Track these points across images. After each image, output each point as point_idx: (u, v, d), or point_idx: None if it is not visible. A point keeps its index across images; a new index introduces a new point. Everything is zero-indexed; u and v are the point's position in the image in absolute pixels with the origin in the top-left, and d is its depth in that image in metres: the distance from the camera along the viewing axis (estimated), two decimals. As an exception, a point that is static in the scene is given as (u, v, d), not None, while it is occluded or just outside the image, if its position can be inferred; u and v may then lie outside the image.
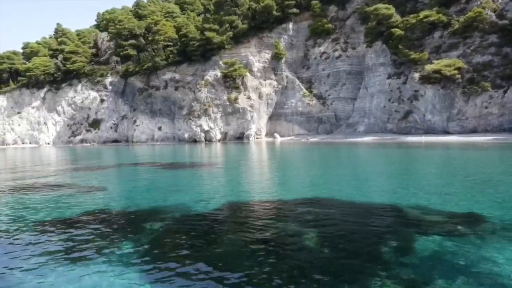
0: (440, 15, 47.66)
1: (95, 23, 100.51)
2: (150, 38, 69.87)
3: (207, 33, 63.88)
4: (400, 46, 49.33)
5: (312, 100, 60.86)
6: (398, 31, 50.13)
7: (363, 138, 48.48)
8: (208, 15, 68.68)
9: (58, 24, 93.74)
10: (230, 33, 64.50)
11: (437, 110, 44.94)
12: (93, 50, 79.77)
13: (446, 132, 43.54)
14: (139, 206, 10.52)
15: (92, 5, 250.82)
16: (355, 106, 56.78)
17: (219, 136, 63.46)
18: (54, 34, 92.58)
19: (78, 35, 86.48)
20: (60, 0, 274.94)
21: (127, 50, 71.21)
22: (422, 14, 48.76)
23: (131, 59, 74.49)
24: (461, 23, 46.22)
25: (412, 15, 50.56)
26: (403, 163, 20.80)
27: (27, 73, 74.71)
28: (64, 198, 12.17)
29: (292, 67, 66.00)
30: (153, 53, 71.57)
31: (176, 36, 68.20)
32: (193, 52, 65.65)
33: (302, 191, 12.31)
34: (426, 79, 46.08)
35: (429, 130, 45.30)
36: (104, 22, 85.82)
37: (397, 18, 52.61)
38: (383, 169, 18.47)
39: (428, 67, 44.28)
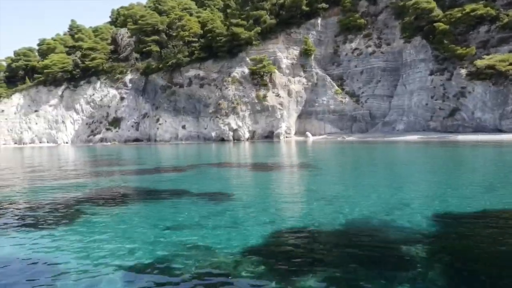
0: (488, 8, 45.65)
1: (109, 19, 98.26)
2: (174, 34, 67.70)
3: (234, 29, 61.84)
4: (445, 41, 47.27)
5: (345, 98, 58.83)
6: (442, 26, 48.10)
7: (405, 137, 46.44)
8: (234, 10, 66.40)
9: (72, 20, 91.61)
10: (258, 29, 62.47)
11: (488, 107, 42.93)
12: (111, 47, 77.64)
13: (499, 130, 41.52)
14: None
15: (103, 2, 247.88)
16: (391, 104, 54.74)
17: (247, 135, 61.40)
18: (68, 31, 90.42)
19: (94, 31, 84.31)
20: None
21: (150, 46, 69.01)
22: (468, 8, 46.75)
23: (151, 55, 72.38)
24: (511, 16, 44.20)
25: (456, 9, 48.52)
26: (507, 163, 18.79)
27: (45, 70, 72.53)
28: (232, 208, 10.12)
29: (321, 63, 63.92)
30: (176, 50, 69.54)
31: (201, 32, 65.98)
32: (219, 48, 63.55)
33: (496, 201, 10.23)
34: (474, 75, 44.10)
35: (479, 128, 43.31)
36: (122, 19, 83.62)
37: (438, 12, 50.60)
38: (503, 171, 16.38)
39: (480, 62, 42.26)
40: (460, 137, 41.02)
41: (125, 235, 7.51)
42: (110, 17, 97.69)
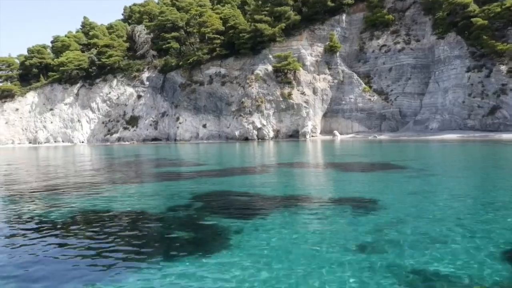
0: (530, 2, 44.13)
1: (121, 17, 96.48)
2: (194, 31, 66.04)
3: (258, 25, 60.22)
4: (485, 37, 45.73)
5: (373, 96, 57.27)
6: (480, 21, 46.56)
7: (441, 135, 44.89)
8: (255, 7, 64.80)
9: (85, 17, 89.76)
10: (283, 25, 60.87)
11: (532, 105, 41.42)
12: (127, 44, 75.97)
13: (544, 129, 40.03)
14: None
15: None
16: (423, 101, 53.21)
17: (271, 134, 59.81)
18: (81, 28, 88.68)
19: (108, 28, 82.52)
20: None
21: (169, 43, 67.32)
22: (508, 2, 45.21)
23: (168, 52, 70.72)
24: (554, 11, 42.69)
25: (495, 4, 46.99)
26: None
27: (61, 68, 70.83)
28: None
29: (346, 61, 62.37)
30: (196, 46, 67.96)
31: (223, 28, 64.34)
32: (242, 45, 61.95)
33: None
34: (516, 72, 42.57)
35: (522, 127, 41.79)
36: (137, 16, 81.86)
37: (474, 7, 49.07)
38: None
39: (526, 58, 40.71)
40: (505, 136, 39.48)
41: (302, 258, 5.75)
42: (122, 14, 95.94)
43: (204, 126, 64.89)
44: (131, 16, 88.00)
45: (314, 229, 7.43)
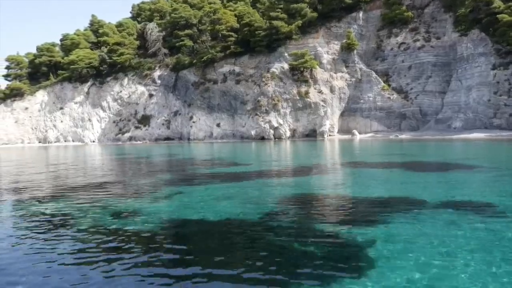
0: (560, -2, 43.09)
1: (129, 15, 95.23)
2: (209, 28, 64.90)
3: (275, 22, 59.15)
4: (511, 34, 44.67)
5: (393, 94, 56.19)
6: (506, 17, 45.49)
7: (467, 134, 43.79)
8: (270, 4, 63.68)
9: (93, 15, 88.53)
10: (299, 22, 59.85)
11: None
12: (138, 42, 74.84)
13: None
14: None
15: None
16: (445, 100, 52.14)
17: (288, 133, 58.72)
18: (89, 26, 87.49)
19: (118, 26, 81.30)
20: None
21: (183, 41, 66.17)
22: (536, -2, 44.16)
23: (180, 50, 69.58)
24: None
25: (521, 0, 45.92)
26: None
27: (71, 66, 69.66)
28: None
29: (363, 59, 61.29)
30: (209, 44, 66.86)
31: (238, 26, 63.22)
32: (258, 43, 60.87)
33: None
34: (545, 69, 41.52)
35: (552, 126, 40.75)
36: (147, 13, 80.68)
37: (499, 3, 48.00)
38: None
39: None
40: (536, 135, 38.43)
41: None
42: (130, 12, 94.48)
43: (218, 125, 63.77)
44: (139, 14, 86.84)
45: (453, 236, 6.43)
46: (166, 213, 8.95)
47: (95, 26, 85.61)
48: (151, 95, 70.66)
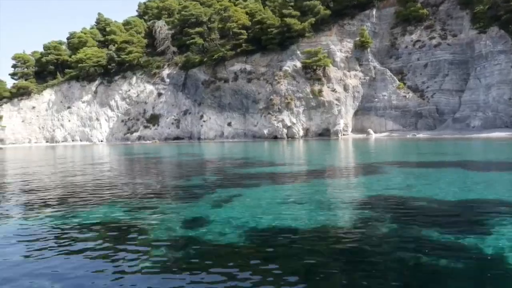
0: None
1: (135, 13, 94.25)
2: (219, 26, 63.97)
3: (288, 20, 58.21)
4: (534, 30, 43.78)
5: (408, 93, 55.26)
6: (527, 14, 44.57)
7: (487, 134, 42.86)
8: (283, 1, 62.71)
9: (99, 14, 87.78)
10: (312, 19, 58.89)
11: None
12: (146, 40, 73.89)
13: None
14: None
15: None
16: (462, 99, 51.20)
17: (301, 133, 57.79)
18: (96, 25, 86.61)
19: (125, 24, 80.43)
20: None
21: (194, 39, 65.21)
22: (559, -6, 43.26)
23: (189, 49, 68.64)
24: None
25: (543, -4, 45.02)
26: None
27: (79, 65, 68.72)
28: None
29: (377, 57, 60.39)
30: (218, 42, 65.96)
31: (249, 23, 62.28)
32: (270, 41, 59.93)
33: None
34: None
35: None
36: (155, 11, 79.68)
37: (519, 0, 47.08)
38: None
39: None
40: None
41: None
42: (137, 11, 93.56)
43: (229, 124, 62.83)
44: (146, 13, 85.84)
45: None
46: (237, 219, 7.91)
47: (102, 25, 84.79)
48: (160, 94, 69.73)
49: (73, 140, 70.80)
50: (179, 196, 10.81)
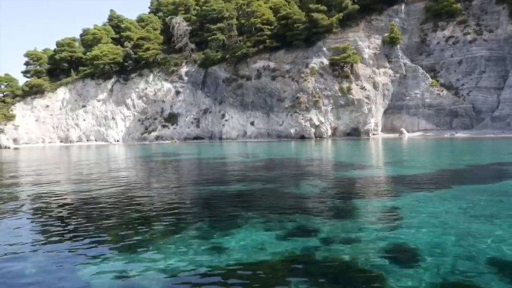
0: None
1: (148, 10, 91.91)
2: (243, 21, 61.72)
3: (315, 15, 56.03)
4: None
5: (442, 91, 53.07)
6: None
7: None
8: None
9: (111, 10, 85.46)
10: (340, 15, 56.75)
11: None
12: (162, 37, 71.59)
13: None
14: None
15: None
16: (501, 96, 49.01)
17: (330, 132, 55.55)
18: (108, 22, 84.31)
19: (139, 21, 78.13)
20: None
21: (215, 34, 62.93)
22: None
23: (208, 45, 66.40)
24: None
25: None
26: None
27: (94, 62, 66.37)
28: None
29: (406, 54, 58.17)
30: (239, 39, 63.80)
31: (274, 19, 60.04)
32: (295, 37, 57.76)
33: None
34: None
35: None
36: (170, 7, 77.28)
37: None
38: None
39: None
40: None
41: None
42: (149, 7, 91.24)
43: (252, 123, 60.57)
44: (159, 10, 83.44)
45: None
46: (426, 244, 5.59)
47: (114, 22, 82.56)
48: (178, 92, 67.49)
49: (88, 140, 68.45)
50: (309, 205, 8.50)
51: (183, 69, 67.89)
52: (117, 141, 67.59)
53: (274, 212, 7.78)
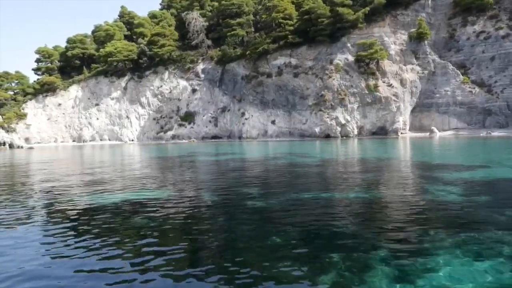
0: None
1: (159, 6, 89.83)
2: (264, 16, 59.63)
3: (340, 9, 53.96)
4: None
5: (474, 88, 51.00)
6: None
7: None
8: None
9: (123, 7, 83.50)
10: (367, 9, 54.64)
11: None
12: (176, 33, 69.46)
13: None
14: None
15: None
16: (538, 94, 47.00)
17: (356, 131, 53.47)
18: (119, 18, 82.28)
19: (152, 17, 76.06)
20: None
21: (235, 30, 60.82)
22: None
23: (225, 42, 64.31)
24: None
25: None
26: None
27: (109, 59, 64.25)
28: None
29: (433, 49, 56.10)
30: (256, 34, 61.78)
31: (296, 13, 57.97)
32: (319, 32, 55.64)
33: None
34: None
35: None
36: (184, 2, 75.17)
37: None
38: None
39: None
40: None
41: None
42: (160, 4, 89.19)
43: (273, 122, 58.49)
44: (171, 6, 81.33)
45: None
46: None
47: (126, 18, 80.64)
48: (194, 90, 65.41)
49: (101, 140, 66.38)
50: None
51: (200, 66, 65.83)
52: (132, 140, 65.51)
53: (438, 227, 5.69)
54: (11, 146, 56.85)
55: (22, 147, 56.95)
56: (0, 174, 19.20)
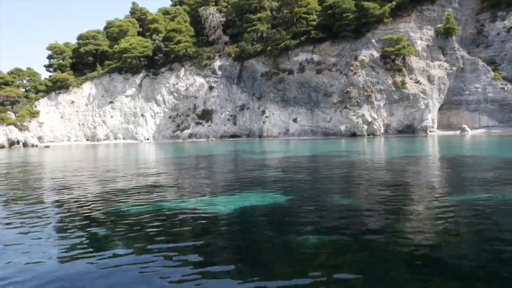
0: None
1: (170, 3, 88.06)
2: (286, 11, 57.93)
3: (365, 4, 52.30)
4: None
5: (506, 84, 49.42)
6: None
7: None
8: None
9: (134, 3, 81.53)
10: (394, 3, 52.98)
11: None
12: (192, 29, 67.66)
13: None
14: None
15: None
16: None
17: (382, 129, 51.82)
18: (130, 14, 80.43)
19: (165, 13, 74.29)
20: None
21: (255, 25, 59.08)
22: None
23: (243, 38, 62.55)
24: None
25: None
26: None
27: (123, 55, 62.41)
28: None
29: (460, 45, 54.49)
30: (275, 30, 60.12)
31: (320, 8, 56.29)
32: (344, 27, 53.92)
33: None
34: None
35: None
36: (199, -2, 73.30)
37: None
38: None
39: None
40: None
41: None
42: (172, 0, 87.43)
43: (295, 120, 56.79)
44: (183, 2, 79.51)
45: None
46: None
47: (137, 14, 78.74)
48: (211, 88, 63.62)
49: (115, 138, 64.51)
50: None
51: (217, 63, 64.05)
52: (147, 139, 63.67)
53: None
54: (25, 144, 54.95)
55: (36, 145, 55.08)
56: (35, 174, 17.47)
